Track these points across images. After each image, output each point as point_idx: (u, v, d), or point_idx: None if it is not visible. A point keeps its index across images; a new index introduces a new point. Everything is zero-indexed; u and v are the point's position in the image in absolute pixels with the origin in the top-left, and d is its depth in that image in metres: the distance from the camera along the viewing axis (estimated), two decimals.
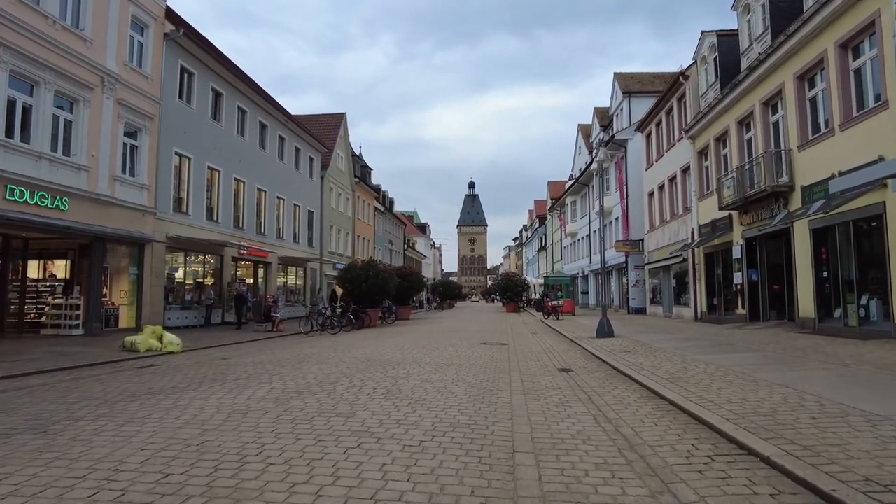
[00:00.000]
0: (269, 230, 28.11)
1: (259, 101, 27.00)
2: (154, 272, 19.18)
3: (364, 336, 17.50)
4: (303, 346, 14.08)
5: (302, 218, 32.46)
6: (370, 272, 23.57)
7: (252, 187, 26.39)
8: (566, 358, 10.92)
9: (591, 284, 41.40)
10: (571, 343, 14.13)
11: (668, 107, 24.07)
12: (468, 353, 11.80)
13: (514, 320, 28.28)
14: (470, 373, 8.63)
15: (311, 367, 9.33)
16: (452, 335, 17.30)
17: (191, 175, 21.53)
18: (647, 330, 16.87)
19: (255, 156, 26.93)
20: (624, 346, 12.19)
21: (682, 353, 10.33)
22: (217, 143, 23.36)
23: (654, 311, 26.66)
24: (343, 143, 40.21)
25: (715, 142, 18.75)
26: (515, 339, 15.55)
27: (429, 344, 14.02)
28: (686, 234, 21.62)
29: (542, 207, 78.67)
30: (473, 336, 16.87)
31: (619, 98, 33.94)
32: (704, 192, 20.02)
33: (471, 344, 13.97)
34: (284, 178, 30.08)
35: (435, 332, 18.76)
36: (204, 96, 22.48)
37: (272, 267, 28.36)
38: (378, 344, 14.14)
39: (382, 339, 16.12)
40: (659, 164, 25.47)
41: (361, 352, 12.00)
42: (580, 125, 48.18)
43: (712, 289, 19.52)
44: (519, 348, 12.87)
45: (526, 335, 17.43)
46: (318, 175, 35.19)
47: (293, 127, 31.01)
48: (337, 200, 38.72)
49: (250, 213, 26.24)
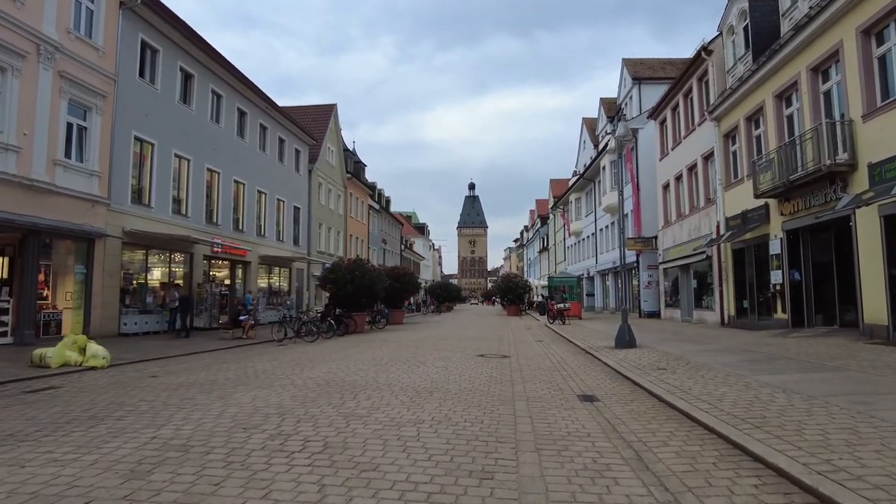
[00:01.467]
0: (248, 226, 25.77)
1: (237, 85, 24.69)
2: (107, 271, 16.83)
3: (343, 345, 15.13)
4: (262, 358, 11.72)
5: (287, 214, 30.11)
6: (356, 272, 21.20)
7: (228, 179, 24.05)
8: (585, 378, 8.54)
9: (597, 286, 39.01)
10: (586, 355, 11.76)
11: (686, 88, 21.72)
12: (461, 369, 9.43)
13: (516, 325, 25.90)
14: (459, 405, 6.27)
15: (243, 395, 6.97)
16: (446, 343, 14.94)
17: (154, 163, 19.20)
18: (673, 337, 14.50)
19: (232, 145, 24.61)
20: (654, 359, 9.82)
21: (735, 372, 7.97)
22: (186, 130, 21.04)
23: (669, 314, 24.27)
24: (334, 136, 37.90)
25: (745, 122, 16.39)
26: (518, 349, 13.18)
27: (415, 356, 11.65)
28: (709, 229, 19.26)
29: (543, 207, 76.32)
30: (470, 344, 14.51)
31: (628, 85, 31.63)
32: (732, 180, 17.66)
33: (466, 356, 11.60)
34: (266, 170, 27.74)
35: (426, 340, 16.39)
36: (170, 76, 20.16)
37: (252, 267, 26.01)
38: (353, 356, 11.77)
39: (362, 348, 13.75)
40: (675, 152, 23.11)
41: (326, 368, 9.64)
42: (584, 119, 45.87)
43: (742, 290, 17.15)
44: (524, 362, 10.51)
45: (530, 343, 15.07)
46: (305, 169, 32.86)
47: (276, 116, 28.69)
48: (327, 197, 36.39)
49: (226, 208, 23.91)
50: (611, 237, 34.74)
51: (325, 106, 37.87)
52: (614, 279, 35.13)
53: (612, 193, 32.67)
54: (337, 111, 37.95)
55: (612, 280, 35.42)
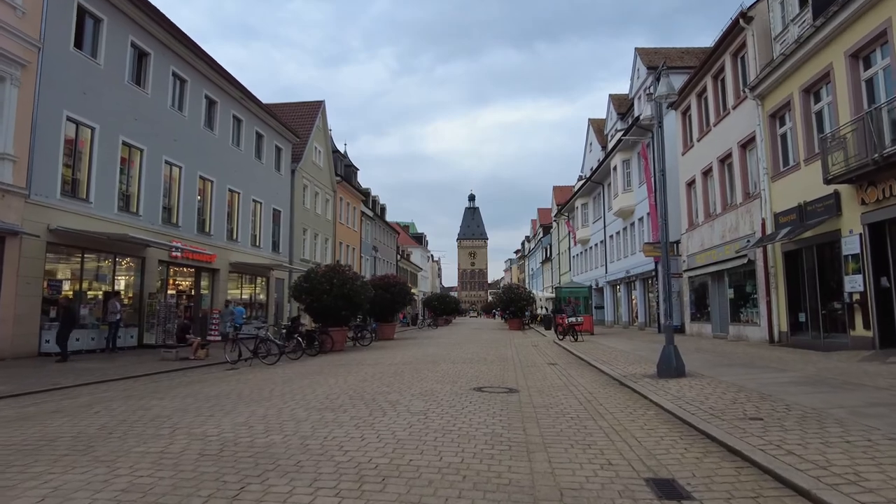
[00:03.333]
0: (216, 229, 22.75)
1: (206, 70, 21.84)
2: (23, 277, 13.79)
3: (307, 369, 12.03)
4: (178, 392, 8.62)
5: (265, 217, 27.11)
6: (334, 280, 18.13)
7: (192, 175, 21.10)
8: (640, 434, 5.45)
9: (607, 298, 35.89)
10: (622, 387, 8.67)
11: (716, 68, 18.84)
12: (447, 419, 6.34)
13: (521, 341, 22.75)
14: None
15: (50, 477, 3.87)
16: (435, 369, 11.83)
17: (94, 150, 16.23)
18: (721, 360, 11.40)
19: (199, 137, 21.69)
20: (727, 399, 6.74)
21: (879, 428, 4.90)
22: (139, 115, 18.13)
23: (696, 329, 21.14)
24: (321, 134, 35.05)
25: (802, 94, 13.43)
26: (528, 377, 10.09)
27: (388, 390, 8.56)
28: (751, 228, 16.24)
29: (546, 216, 73.40)
30: (465, 370, 11.40)
31: (642, 76, 28.79)
32: (782, 168, 14.67)
33: (458, 389, 8.51)
34: (240, 167, 24.80)
35: (412, 363, 13.28)
36: (118, 52, 17.27)
37: (220, 275, 22.95)
38: (305, 390, 8.68)
39: (326, 376, 10.65)
40: (703, 143, 20.17)
41: (247, 414, 6.56)
42: (591, 119, 43.07)
43: (797, 300, 14.08)
44: (539, 401, 7.41)
45: (541, 367, 11.96)
46: (287, 168, 29.93)
47: (253, 108, 25.82)
48: (313, 200, 33.43)
49: (189, 207, 20.92)
50: (624, 244, 31.70)
51: (312, 103, 35.05)
52: (627, 290, 32.04)
53: (624, 195, 29.71)
54: (325, 108, 35.13)
55: (624, 291, 32.31)
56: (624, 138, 27.12)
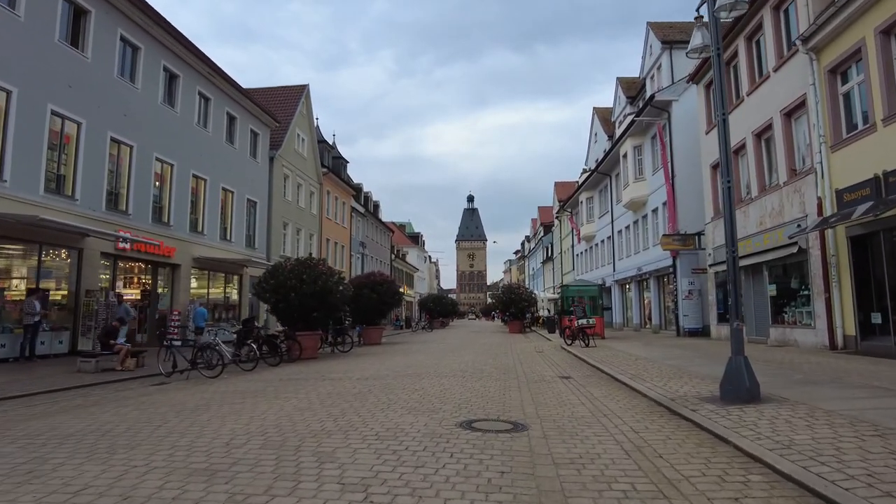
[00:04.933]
0: (177, 220, 20.00)
1: (165, 38, 19.12)
2: None
3: (244, 388, 9.29)
4: (11, 432, 5.86)
5: (237, 208, 24.34)
6: (304, 276, 15.39)
7: (146, 157, 18.35)
8: None
9: (615, 298, 33.13)
10: (676, 419, 5.92)
11: (751, 27, 16.15)
12: (413, 489, 3.56)
13: (523, 346, 20.02)
14: None
15: None
16: (416, 385, 9.09)
17: (9, 120, 13.47)
18: (790, 375, 8.66)
19: (156, 114, 18.95)
20: (881, 451, 3.97)
21: None
22: (75, 82, 15.40)
23: (724, 332, 18.37)
24: (305, 121, 32.32)
25: (880, 37, 10.70)
26: (539, 401, 7.33)
27: (334, 426, 5.82)
28: (801, 210, 13.52)
29: (547, 215, 70.72)
30: (454, 387, 8.65)
31: (655, 53, 26.12)
32: (845, 134, 11.95)
33: (438, 425, 5.76)
34: (207, 151, 22.05)
35: (387, 377, 10.53)
36: (44, 5, 14.54)
37: (182, 271, 20.18)
38: (209, 427, 5.96)
39: (260, 400, 7.90)
40: (734, 118, 17.44)
41: (90, 476, 3.79)
42: (596, 108, 40.39)
43: (867, 297, 11.35)
44: (562, 450, 4.65)
45: (552, 383, 9.21)
46: (265, 156, 27.18)
47: (223, 85, 23.09)
48: (295, 192, 30.68)
49: (142, 193, 18.17)
50: (635, 238, 28.97)
51: (294, 87, 32.29)
52: (638, 289, 29.29)
53: (636, 185, 26.99)
54: (309, 93, 32.41)
55: (635, 291, 29.56)
56: (637, 119, 24.43)
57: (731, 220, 6.89)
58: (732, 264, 6.78)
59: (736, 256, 6.80)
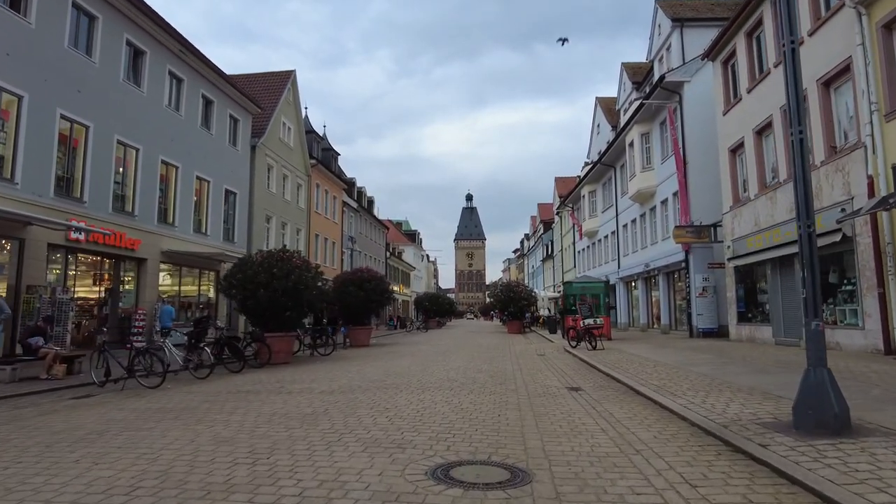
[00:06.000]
0: (143, 209, 18.17)
1: (128, 9, 17.28)
2: None
3: (180, 404, 7.50)
4: None
5: (214, 199, 22.51)
6: (274, 271, 13.58)
7: (105, 138, 16.53)
8: None
9: (620, 297, 31.33)
10: (735, 455, 4.10)
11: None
12: None
13: (523, 348, 18.24)
14: None
15: None
16: (392, 399, 7.30)
17: None
18: (864, 389, 6.87)
19: (117, 91, 17.11)
20: None
21: None
22: (16, 50, 13.58)
23: (748, 333, 16.61)
24: (291, 110, 30.49)
25: None
26: (545, 427, 5.53)
27: (256, 470, 4.02)
28: (845, 192, 11.74)
29: (547, 212, 68.92)
30: (437, 405, 6.87)
31: (665, 31, 24.33)
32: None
33: (403, 463, 3.97)
34: (180, 136, 20.22)
35: (360, 389, 8.73)
36: None
37: (148, 266, 18.36)
38: (88, 464, 4.14)
39: (189, 419, 6.13)
40: (756, 94, 15.68)
41: None
42: (598, 98, 38.60)
43: None
44: None
45: (560, 397, 7.40)
46: (245, 144, 25.34)
47: (198, 65, 21.25)
48: (280, 183, 28.85)
49: (100, 179, 16.34)
50: (641, 232, 27.19)
51: (280, 73, 30.45)
52: (645, 287, 27.50)
53: (643, 175, 25.20)
54: (296, 80, 30.59)
55: (642, 288, 27.78)
56: (646, 102, 22.62)
57: (805, 184, 5.07)
58: (808, 243, 4.96)
59: (813, 233, 4.99)
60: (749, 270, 16.72)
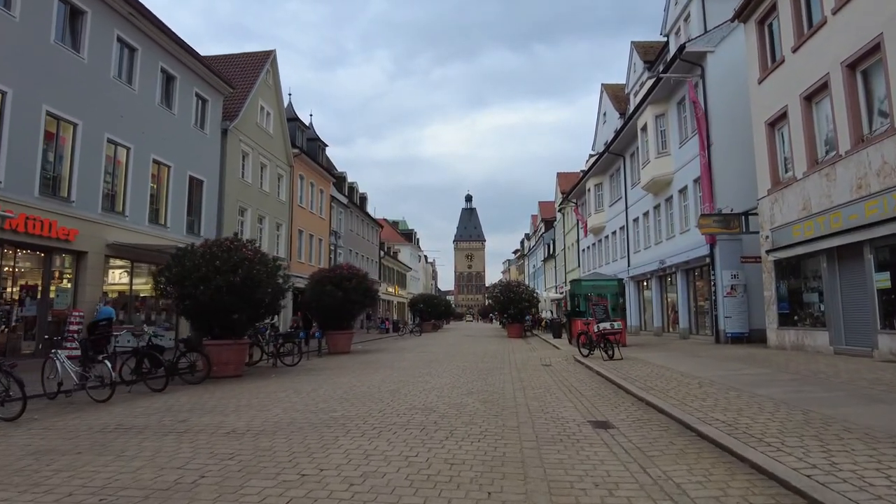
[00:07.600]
0: (83, 195, 15.54)
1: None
2: None
3: (11, 452, 4.81)
4: None
5: (175, 186, 19.88)
6: (217, 263, 10.94)
7: (29, 109, 13.88)
8: None
9: (630, 298, 28.68)
10: None
11: None
12: None
13: (525, 357, 15.61)
14: None
15: None
16: (327, 451, 4.67)
17: None
18: None
19: (49, 56, 14.49)
20: None
21: None
22: None
23: (793, 339, 13.98)
24: (271, 93, 27.89)
25: None
26: None
27: None
28: None
29: (548, 210, 66.27)
30: (392, 459, 4.23)
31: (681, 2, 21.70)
32: None
33: None
34: (132, 113, 17.60)
35: (291, 429, 6.15)
36: None
37: (89, 260, 15.74)
38: None
39: None
40: (805, 52, 13.09)
41: None
42: (605, 85, 36.00)
43: None
44: None
45: (589, 450, 4.72)
46: (216, 127, 22.72)
47: (156, 34, 18.64)
48: (257, 173, 26.24)
49: (25, 159, 13.70)
50: (656, 226, 24.55)
51: (258, 53, 27.83)
52: (660, 286, 24.86)
53: (658, 161, 22.58)
54: (276, 60, 28.00)
55: (656, 288, 25.13)
56: (663, 77, 20.00)
57: None
58: None
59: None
60: (794, 264, 14.09)
